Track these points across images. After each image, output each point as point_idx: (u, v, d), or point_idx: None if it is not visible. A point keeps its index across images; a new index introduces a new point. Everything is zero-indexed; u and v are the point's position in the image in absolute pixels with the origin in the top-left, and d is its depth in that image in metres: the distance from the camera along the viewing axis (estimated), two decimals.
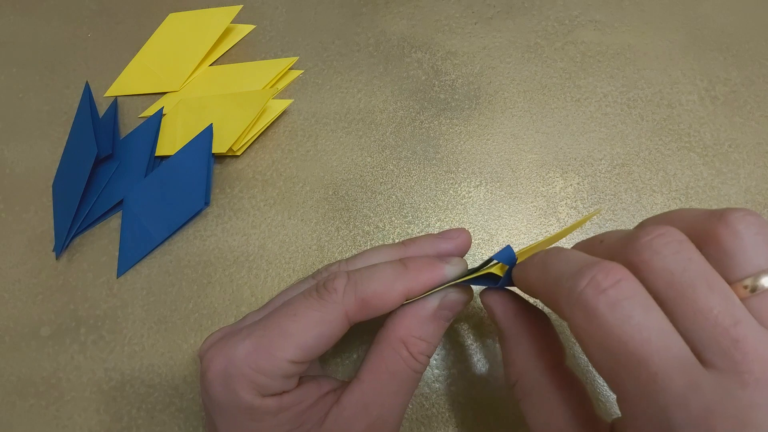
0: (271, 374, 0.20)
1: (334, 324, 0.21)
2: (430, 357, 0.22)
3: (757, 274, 0.16)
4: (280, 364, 0.20)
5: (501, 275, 0.22)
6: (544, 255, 0.19)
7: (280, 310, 0.21)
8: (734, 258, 0.16)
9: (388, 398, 0.22)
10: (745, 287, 0.16)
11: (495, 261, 0.21)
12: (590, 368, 0.28)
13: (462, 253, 0.25)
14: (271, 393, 0.20)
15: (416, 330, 0.22)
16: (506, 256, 0.21)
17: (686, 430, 0.14)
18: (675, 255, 0.16)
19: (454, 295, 0.22)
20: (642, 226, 0.19)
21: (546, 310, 0.25)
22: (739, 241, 0.16)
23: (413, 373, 0.22)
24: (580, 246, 0.21)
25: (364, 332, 0.29)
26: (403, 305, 0.22)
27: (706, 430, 0.14)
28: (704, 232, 0.17)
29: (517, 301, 0.22)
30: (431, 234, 0.26)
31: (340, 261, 0.25)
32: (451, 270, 0.22)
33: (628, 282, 0.16)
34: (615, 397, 0.17)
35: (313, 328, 0.20)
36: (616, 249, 0.18)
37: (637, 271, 0.16)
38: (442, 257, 0.23)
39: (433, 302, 0.22)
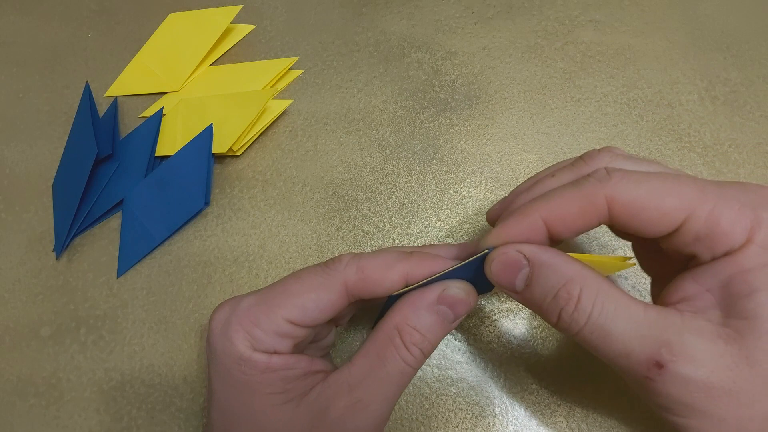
0: (266, 328, 0.21)
1: (334, 291, 0.22)
2: (425, 354, 0.22)
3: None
4: (277, 320, 0.21)
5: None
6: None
7: (289, 275, 0.23)
8: None
9: (373, 384, 0.21)
10: None
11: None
12: None
13: None
14: (263, 349, 0.21)
15: (412, 319, 0.21)
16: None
17: None
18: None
19: (455, 290, 0.22)
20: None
21: None
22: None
23: (404, 364, 0.21)
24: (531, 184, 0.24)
25: None
26: (402, 297, 0.22)
27: None
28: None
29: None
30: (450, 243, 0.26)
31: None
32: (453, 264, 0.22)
33: None
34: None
35: (313, 290, 0.22)
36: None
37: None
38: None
39: (431, 293, 0.22)
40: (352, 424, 0.21)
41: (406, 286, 0.22)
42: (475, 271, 0.22)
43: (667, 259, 0.22)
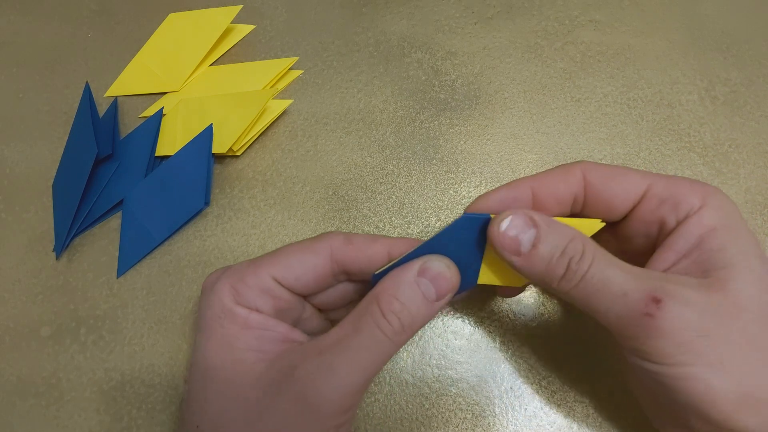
0: (251, 284, 0.22)
1: (320, 255, 0.23)
2: (404, 325, 0.21)
3: None
4: (262, 276, 0.23)
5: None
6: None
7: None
8: None
9: (344, 349, 0.21)
10: None
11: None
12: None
13: None
14: (245, 304, 0.22)
15: (391, 288, 0.21)
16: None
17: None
18: None
19: (435, 263, 0.22)
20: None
21: None
22: None
23: (379, 332, 0.21)
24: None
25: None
26: (385, 275, 0.22)
27: None
28: None
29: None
30: None
31: None
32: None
33: None
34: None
35: (299, 251, 0.23)
36: None
37: None
38: None
39: (412, 266, 0.22)
40: (317, 387, 0.20)
41: (390, 261, 0.22)
42: (459, 243, 0.22)
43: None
